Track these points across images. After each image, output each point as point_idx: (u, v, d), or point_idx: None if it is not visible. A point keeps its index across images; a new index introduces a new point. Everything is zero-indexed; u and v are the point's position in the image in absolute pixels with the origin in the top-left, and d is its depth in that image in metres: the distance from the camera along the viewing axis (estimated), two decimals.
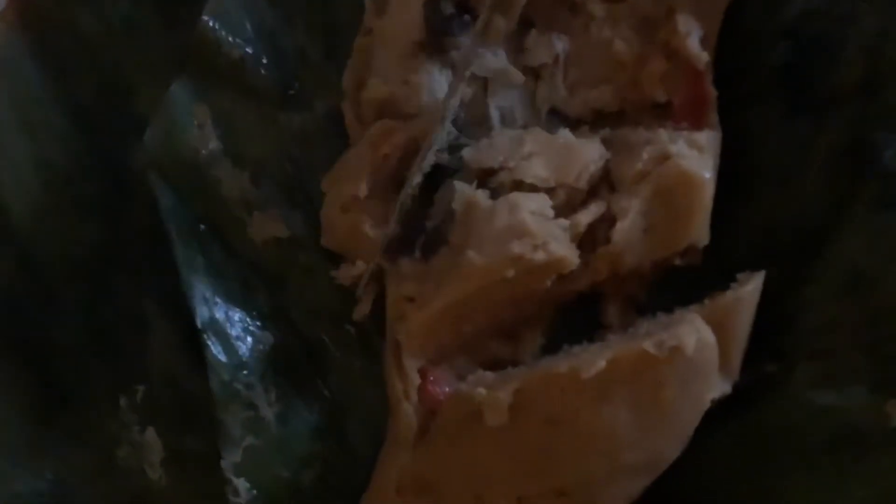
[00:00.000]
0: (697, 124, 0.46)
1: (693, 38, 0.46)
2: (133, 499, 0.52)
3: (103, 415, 0.53)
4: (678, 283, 0.47)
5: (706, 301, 0.45)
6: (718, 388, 0.44)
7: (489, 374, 0.45)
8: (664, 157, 0.45)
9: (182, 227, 0.51)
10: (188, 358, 0.52)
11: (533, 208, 0.44)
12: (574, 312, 0.48)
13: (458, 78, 0.46)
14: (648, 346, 0.42)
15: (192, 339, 0.50)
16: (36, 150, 0.54)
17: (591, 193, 0.46)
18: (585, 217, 0.45)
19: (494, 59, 0.47)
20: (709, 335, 0.43)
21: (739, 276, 0.46)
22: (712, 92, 0.47)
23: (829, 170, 0.46)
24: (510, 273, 0.43)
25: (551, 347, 0.47)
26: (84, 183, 0.54)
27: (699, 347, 0.42)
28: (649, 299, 0.48)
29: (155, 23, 0.54)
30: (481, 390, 0.43)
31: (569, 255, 0.44)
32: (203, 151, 0.51)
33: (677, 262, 0.46)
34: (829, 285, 0.46)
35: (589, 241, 0.45)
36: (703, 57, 0.46)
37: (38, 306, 0.53)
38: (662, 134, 0.45)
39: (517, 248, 0.43)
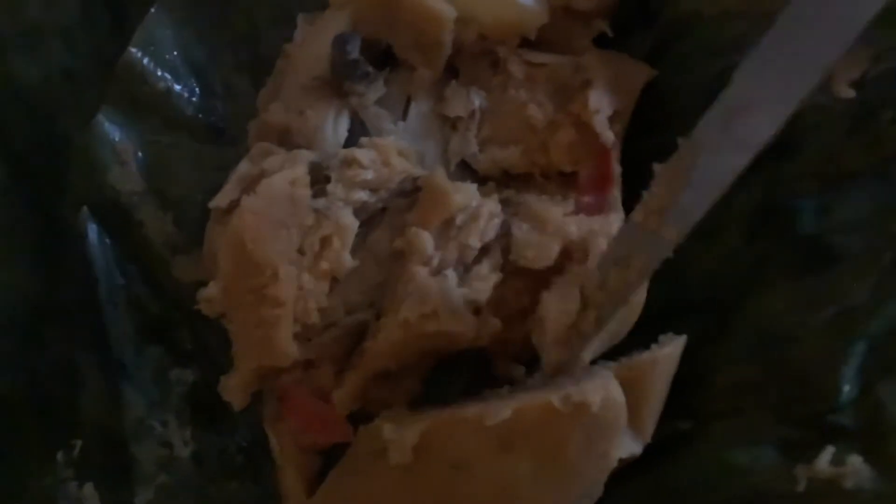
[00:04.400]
0: (600, 200, 0.46)
1: (601, 116, 0.46)
2: None
3: (40, 470, 0.52)
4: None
5: (622, 359, 0.45)
6: (627, 447, 0.43)
7: (405, 411, 0.45)
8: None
9: (108, 264, 0.51)
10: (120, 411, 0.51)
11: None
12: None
13: None
14: (554, 399, 0.41)
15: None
16: None
17: (484, 252, 0.45)
18: (484, 287, 0.44)
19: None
20: (617, 393, 0.42)
21: (661, 337, 0.46)
22: (617, 170, 0.47)
23: (750, 228, 0.46)
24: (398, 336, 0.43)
25: (434, 394, 0.47)
26: (18, 233, 0.54)
27: (606, 405, 0.41)
28: None
29: (93, 72, 0.54)
30: (390, 426, 0.43)
31: (465, 329, 0.43)
32: (126, 192, 0.52)
33: None
34: (741, 345, 0.45)
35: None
36: (609, 136, 0.46)
37: None
38: (558, 213, 0.45)
39: (406, 312, 0.43)
